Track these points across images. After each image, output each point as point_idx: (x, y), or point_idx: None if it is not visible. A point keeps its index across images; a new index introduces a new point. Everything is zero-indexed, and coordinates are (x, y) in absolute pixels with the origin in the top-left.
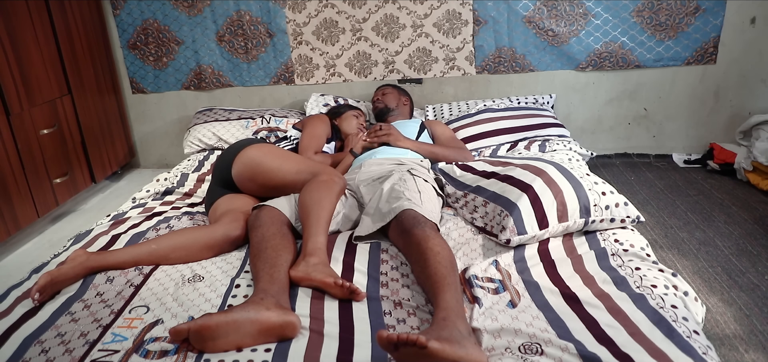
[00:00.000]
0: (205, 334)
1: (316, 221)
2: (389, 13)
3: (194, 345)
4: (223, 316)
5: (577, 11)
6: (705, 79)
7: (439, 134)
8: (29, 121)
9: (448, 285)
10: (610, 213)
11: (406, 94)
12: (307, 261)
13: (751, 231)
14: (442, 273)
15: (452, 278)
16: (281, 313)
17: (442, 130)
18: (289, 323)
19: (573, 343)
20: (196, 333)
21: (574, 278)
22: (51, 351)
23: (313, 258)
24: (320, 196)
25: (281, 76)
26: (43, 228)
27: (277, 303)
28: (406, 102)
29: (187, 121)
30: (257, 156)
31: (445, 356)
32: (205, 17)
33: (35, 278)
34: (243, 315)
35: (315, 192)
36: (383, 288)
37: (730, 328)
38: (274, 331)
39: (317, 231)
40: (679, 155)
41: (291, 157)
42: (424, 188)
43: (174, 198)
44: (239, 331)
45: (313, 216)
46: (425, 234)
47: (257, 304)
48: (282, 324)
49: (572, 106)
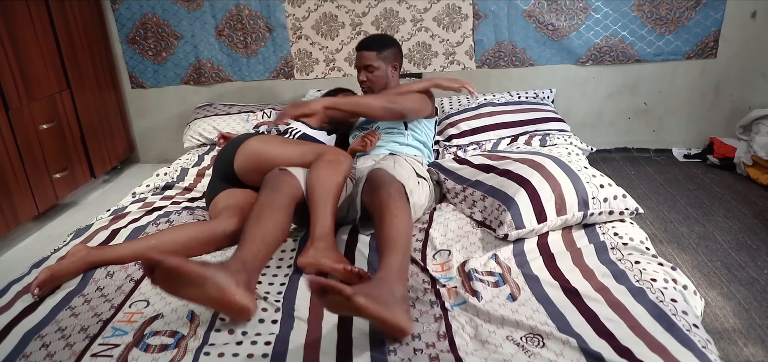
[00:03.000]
0: (174, 275)
1: (324, 205)
2: (389, 8)
3: (158, 282)
4: (199, 268)
5: (578, 5)
6: (705, 74)
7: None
8: (28, 116)
9: (395, 249)
10: (609, 206)
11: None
12: (316, 247)
13: (751, 225)
14: (393, 236)
15: (402, 243)
16: (245, 296)
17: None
18: (246, 309)
19: (574, 337)
20: (168, 270)
21: (574, 271)
22: (51, 345)
23: (320, 243)
24: (327, 176)
25: (281, 70)
26: (42, 223)
27: (247, 283)
28: (395, 67)
29: (186, 116)
30: (259, 145)
31: (368, 312)
32: (205, 12)
33: (35, 273)
34: (215, 277)
35: (322, 171)
36: None
37: (730, 322)
38: (232, 309)
39: (325, 216)
40: (679, 149)
41: (293, 143)
42: (402, 165)
43: (174, 193)
44: (203, 289)
45: (320, 200)
46: (389, 195)
47: (231, 275)
48: (241, 307)
49: (572, 100)
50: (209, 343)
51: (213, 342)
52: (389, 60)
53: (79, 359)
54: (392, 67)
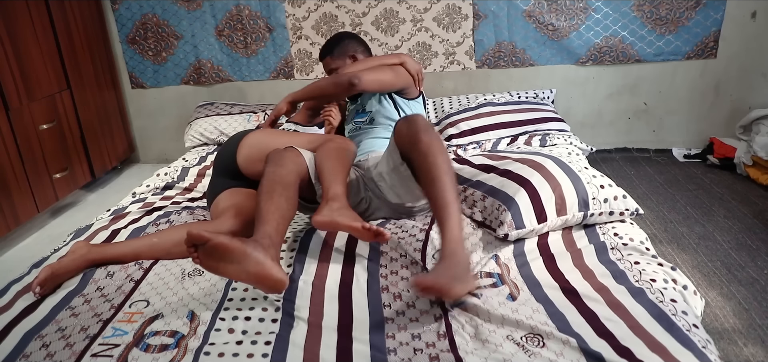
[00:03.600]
0: (219, 252)
1: (335, 173)
2: (389, 8)
3: (201, 258)
4: (242, 244)
5: (577, 5)
6: (705, 74)
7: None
8: (28, 116)
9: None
10: (609, 206)
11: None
12: (331, 206)
13: (751, 225)
14: (448, 199)
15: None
16: (279, 270)
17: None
18: (281, 281)
19: (574, 337)
20: (213, 247)
21: (574, 272)
22: (51, 345)
23: (335, 203)
24: (337, 155)
25: (281, 70)
26: (42, 223)
27: (275, 257)
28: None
29: (186, 116)
30: (263, 138)
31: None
32: (204, 12)
33: (35, 273)
34: (253, 254)
35: (331, 151)
36: (383, 279)
37: (730, 322)
38: (269, 282)
39: (337, 180)
40: (679, 150)
41: (297, 134)
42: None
43: (174, 193)
44: (243, 265)
45: (331, 170)
46: (432, 144)
47: (265, 250)
48: (277, 279)
49: (572, 100)
50: (209, 342)
51: (213, 341)
52: (343, 55)
53: (79, 359)
54: (349, 58)
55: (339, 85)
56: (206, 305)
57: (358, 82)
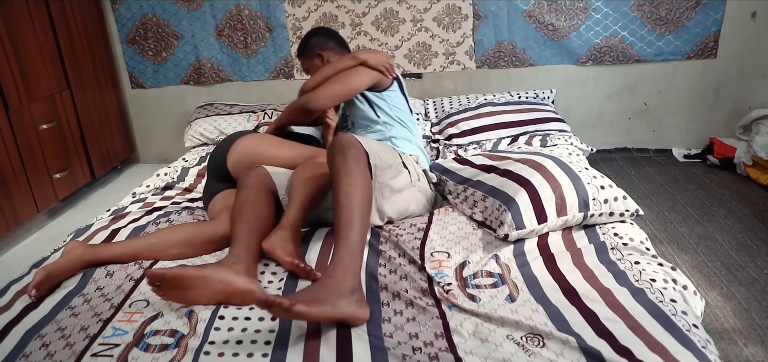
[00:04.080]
0: (178, 283)
1: (299, 198)
2: (389, 8)
3: (165, 293)
4: (198, 270)
5: (577, 5)
6: (705, 74)
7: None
8: (28, 116)
9: (347, 237)
10: (609, 207)
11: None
12: (278, 235)
13: (751, 225)
14: (346, 221)
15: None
16: (247, 281)
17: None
18: (250, 291)
19: (573, 336)
20: (171, 280)
21: (574, 272)
22: (51, 345)
23: (282, 232)
24: (310, 174)
25: (281, 70)
26: (42, 223)
27: (246, 270)
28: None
29: (186, 116)
30: (252, 145)
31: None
32: (204, 12)
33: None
34: (214, 274)
35: (308, 170)
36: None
37: (730, 322)
38: (238, 296)
39: (295, 207)
40: (679, 150)
41: (288, 144)
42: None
43: (174, 193)
44: (208, 287)
45: (294, 193)
46: (345, 164)
47: (229, 268)
48: (245, 291)
49: (572, 100)
50: (209, 342)
51: (213, 340)
52: (312, 55)
53: (79, 359)
54: (317, 57)
55: (302, 112)
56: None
57: (314, 107)
